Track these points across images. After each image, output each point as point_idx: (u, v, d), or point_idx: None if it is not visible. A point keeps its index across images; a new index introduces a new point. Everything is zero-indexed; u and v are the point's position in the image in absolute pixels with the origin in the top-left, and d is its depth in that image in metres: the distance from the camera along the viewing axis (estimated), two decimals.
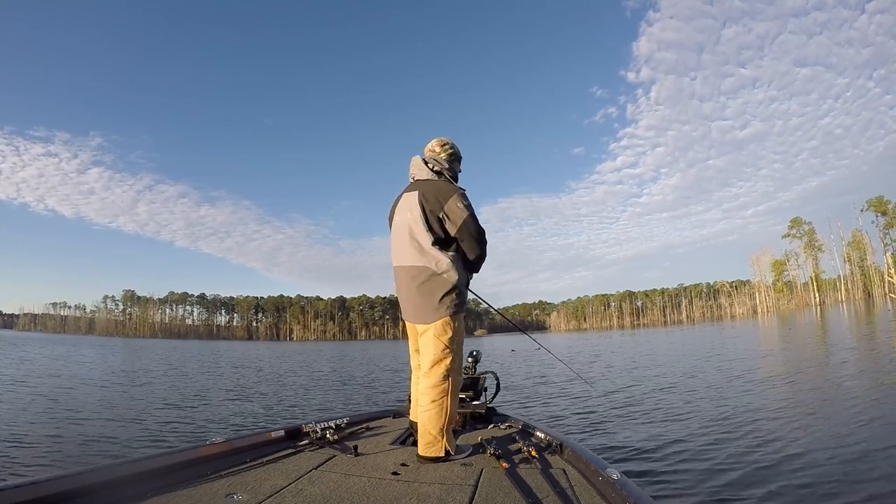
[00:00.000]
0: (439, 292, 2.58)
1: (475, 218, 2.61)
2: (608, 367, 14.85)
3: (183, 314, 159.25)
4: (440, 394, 2.57)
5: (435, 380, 2.60)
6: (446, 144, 2.87)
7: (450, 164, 2.84)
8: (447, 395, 2.58)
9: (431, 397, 2.58)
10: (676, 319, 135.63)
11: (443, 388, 2.58)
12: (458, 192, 2.62)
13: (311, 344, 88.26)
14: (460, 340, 2.65)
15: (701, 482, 3.98)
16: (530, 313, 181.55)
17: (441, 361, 2.60)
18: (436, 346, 2.60)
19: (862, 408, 6.17)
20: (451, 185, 2.69)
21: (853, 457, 4.29)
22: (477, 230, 2.61)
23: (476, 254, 2.66)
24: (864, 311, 41.96)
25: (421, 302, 2.62)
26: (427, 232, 2.59)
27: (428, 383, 2.63)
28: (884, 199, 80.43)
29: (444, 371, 2.61)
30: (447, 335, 2.59)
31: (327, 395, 11.03)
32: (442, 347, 2.60)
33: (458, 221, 2.58)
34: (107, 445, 5.83)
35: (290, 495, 2.07)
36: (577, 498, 2.02)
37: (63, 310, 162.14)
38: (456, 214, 2.58)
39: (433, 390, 2.59)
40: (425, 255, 2.60)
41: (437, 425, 2.54)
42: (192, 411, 8.79)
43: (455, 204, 2.58)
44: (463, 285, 2.64)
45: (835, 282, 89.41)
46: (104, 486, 1.99)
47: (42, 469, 4.74)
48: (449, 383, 2.61)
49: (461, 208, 2.57)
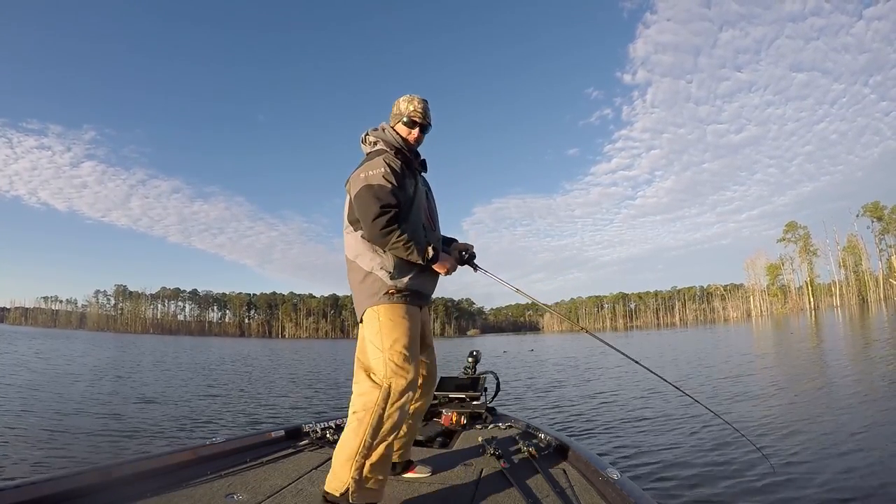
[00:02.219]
0: (356, 280, 2.21)
1: (373, 187, 2.06)
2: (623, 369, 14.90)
3: (175, 310, 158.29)
4: (362, 407, 2.02)
5: (361, 387, 2.09)
6: (394, 105, 2.37)
7: (390, 129, 2.32)
8: (371, 413, 1.99)
9: (353, 408, 2.06)
10: (669, 322, 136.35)
11: (367, 401, 2.02)
12: (370, 161, 2.15)
13: (303, 342, 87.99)
14: (398, 337, 2.09)
15: (701, 482, 4.00)
16: (523, 314, 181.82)
17: (374, 362, 2.11)
18: (368, 343, 2.17)
19: (873, 412, 6.20)
20: (373, 154, 2.22)
21: (858, 459, 4.29)
22: (366, 201, 2.05)
23: (367, 233, 2.09)
24: (861, 315, 42.30)
25: (353, 293, 2.26)
26: (346, 215, 2.26)
27: (355, 390, 2.13)
28: (879, 205, 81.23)
29: (373, 377, 2.09)
30: (372, 328, 2.13)
31: (326, 395, 11.02)
32: (371, 345, 2.14)
33: (353, 192, 2.13)
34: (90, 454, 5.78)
35: (290, 495, 2.07)
36: (577, 498, 2.04)
37: (54, 304, 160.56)
38: (353, 184, 2.14)
39: (357, 400, 2.08)
40: (344, 241, 2.28)
41: (345, 451, 1.96)
42: (180, 412, 8.73)
43: (358, 174, 2.13)
44: (381, 268, 2.14)
45: (829, 286, 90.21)
46: (104, 486, 1.99)
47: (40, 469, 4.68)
48: (378, 397, 2.01)
49: (362, 178, 2.10)
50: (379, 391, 2.02)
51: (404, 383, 2.05)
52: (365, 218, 2.05)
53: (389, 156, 2.16)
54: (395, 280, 2.14)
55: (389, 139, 2.27)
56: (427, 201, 2.37)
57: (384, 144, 2.26)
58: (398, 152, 2.24)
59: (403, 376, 2.05)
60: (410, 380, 2.07)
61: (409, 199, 2.19)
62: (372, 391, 2.03)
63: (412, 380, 2.08)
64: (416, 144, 2.35)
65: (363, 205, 2.06)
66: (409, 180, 2.20)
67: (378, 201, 2.02)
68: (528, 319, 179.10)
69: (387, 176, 2.07)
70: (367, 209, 2.04)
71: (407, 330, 2.12)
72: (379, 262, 2.15)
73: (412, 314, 2.19)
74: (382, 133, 2.29)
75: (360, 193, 2.07)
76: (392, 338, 2.08)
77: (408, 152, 2.29)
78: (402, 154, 2.25)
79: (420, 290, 2.24)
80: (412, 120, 2.30)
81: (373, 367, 2.12)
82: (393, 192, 2.07)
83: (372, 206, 2.02)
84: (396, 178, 2.10)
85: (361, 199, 2.07)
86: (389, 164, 2.11)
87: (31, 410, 7.74)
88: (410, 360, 2.09)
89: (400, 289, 2.15)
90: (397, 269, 2.15)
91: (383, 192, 2.04)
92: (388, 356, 2.07)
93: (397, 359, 2.06)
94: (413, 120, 2.30)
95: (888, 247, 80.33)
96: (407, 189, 2.18)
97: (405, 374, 2.06)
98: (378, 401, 2.00)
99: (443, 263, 2.25)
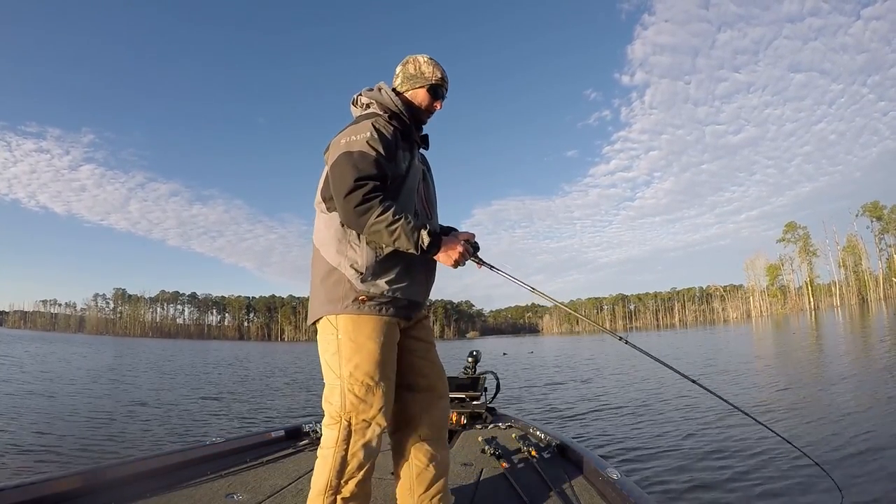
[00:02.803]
0: (317, 274, 1.71)
1: (352, 154, 1.57)
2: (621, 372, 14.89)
3: (174, 313, 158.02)
4: (326, 441, 1.64)
5: (326, 416, 1.67)
6: (404, 63, 1.86)
7: (389, 90, 1.80)
8: (333, 452, 1.60)
9: (321, 444, 1.67)
10: (669, 323, 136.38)
11: (329, 437, 1.63)
12: (355, 125, 1.67)
13: (302, 345, 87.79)
14: (360, 363, 1.60)
15: (701, 482, 4.00)
16: (522, 316, 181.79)
17: (330, 390, 1.65)
18: (322, 362, 1.70)
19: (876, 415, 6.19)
20: (361, 118, 1.73)
21: (862, 461, 4.27)
22: (342, 171, 1.56)
23: (340, 212, 1.60)
24: (863, 315, 42.24)
25: (310, 290, 1.77)
26: (320, 190, 1.75)
27: (324, 419, 1.70)
28: (879, 204, 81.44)
29: (332, 410, 1.63)
30: (328, 345, 1.66)
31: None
32: (325, 367, 1.67)
33: (329, 163, 1.64)
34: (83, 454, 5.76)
35: (290, 495, 2.07)
36: (577, 498, 2.03)
37: (53, 307, 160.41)
38: (331, 151, 1.65)
39: (323, 430, 1.67)
40: (315, 223, 1.79)
41: (315, 485, 1.63)
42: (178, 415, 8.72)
43: (339, 139, 1.64)
44: (351, 265, 1.63)
45: (829, 286, 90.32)
46: (104, 486, 1.98)
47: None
48: (338, 435, 1.60)
49: (342, 144, 1.61)
50: (338, 427, 1.60)
51: (366, 418, 1.61)
52: (338, 192, 1.55)
53: (381, 119, 1.68)
54: (367, 283, 1.62)
55: (386, 101, 1.77)
56: (424, 183, 1.87)
57: (378, 107, 1.77)
58: (394, 117, 1.75)
59: (364, 411, 1.60)
60: (374, 413, 1.61)
61: (400, 176, 1.69)
62: (332, 426, 1.62)
63: (377, 411, 1.62)
64: (428, 116, 1.87)
65: (337, 176, 1.56)
66: (402, 152, 1.71)
67: (355, 171, 1.53)
68: (527, 321, 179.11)
69: (372, 142, 1.58)
70: (340, 181, 1.54)
71: (374, 354, 1.61)
72: (348, 258, 1.63)
73: (387, 332, 1.66)
74: (378, 94, 1.79)
75: (337, 162, 1.58)
76: (353, 363, 1.60)
77: (408, 119, 1.79)
78: (400, 120, 1.76)
79: (403, 297, 1.68)
80: (436, 87, 1.81)
81: (327, 395, 1.65)
82: (377, 161, 1.57)
83: (347, 177, 1.52)
84: (385, 147, 1.61)
85: (337, 167, 1.57)
86: (379, 128, 1.63)
87: (29, 413, 7.72)
88: (376, 389, 1.61)
89: (373, 295, 1.62)
90: (372, 269, 1.62)
91: (365, 160, 1.55)
92: (347, 385, 1.60)
93: (358, 390, 1.59)
94: (438, 88, 1.82)
95: (888, 246, 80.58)
96: (399, 162, 1.68)
97: (367, 407, 1.60)
98: (338, 440, 1.59)
99: (449, 249, 1.65)
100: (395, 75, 1.85)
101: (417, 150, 1.84)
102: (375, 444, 1.66)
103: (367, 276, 1.62)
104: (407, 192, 1.72)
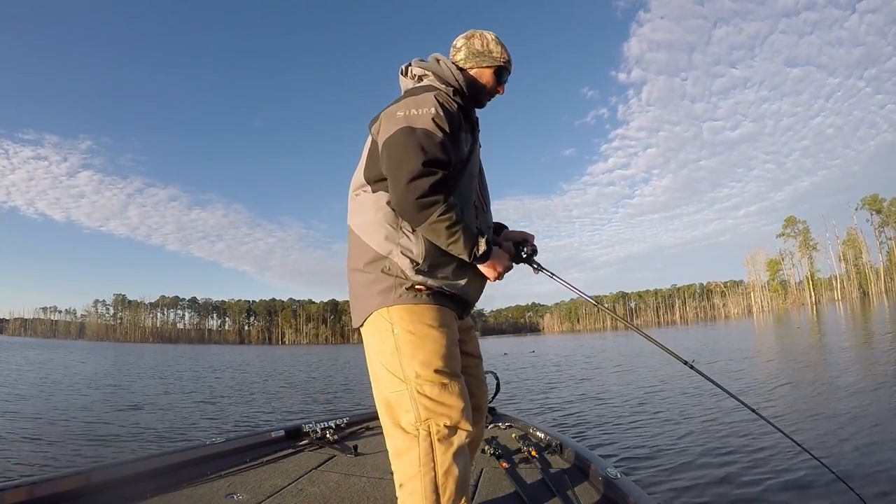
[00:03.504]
0: (359, 263, 1.48)
1: (416, 131, 1.34)
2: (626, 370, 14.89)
3: (174, 318, 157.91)
4: (405, 475, 1.36)
5: (393, 441, 1.41)
6: (469, 37, 1.61)
7: (449, 62, 1.57)
8: (420, 483, 1.32)
9: (398, 479, 1.39)
10: (670, 320, 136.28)
11: (408, 465, 1.35)
12: (415, 96, 1.42)
13: (303, 348, 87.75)
14: (428, 358, 1.38)
15: (701, 482, 3.99)
16: (523, 315, 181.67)
17: (395, 399, 1.40)
18: (378, 367, 1.45)
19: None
20: (418, 90, 1.48)
21: (865, 462, 4.19)
22: (405, 150, 1.33)
23: (396, 197, 1.36)
24: (865, 308, 42.14)
25: (351, 285, 1.55)
26: (363, 169, 1.53)
27: (388, 445, 1.44)
28: (878, 197, 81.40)
29: (402, 424, 1.39)
30: (382, 344, 1.42)
31: (324, 396, 10.99)
32: (383, 371, 1.42)
33: (382, 136, 1.41)
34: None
35: (290, 495, 2.07)
36: (577, 498, 2.04)
37: (53, 314, 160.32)
38: (385, 124, 1.42)
39: (395, 464, 1.40)
40: (350, 206, 1.57)
41: None
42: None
43: (394, 110, 1.42)
44: (404, 252, 1.41)
45: (830, 280, 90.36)
46: (104, 486, 1.98)
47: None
48: (418, 454, 1.34)
49: (400, 117, 1.38)
50: (416, 446, 1.34)
51: (448, 423, 1.35)
52: (398, 175, 1.33)
53: (444, 94, 1.44)
54: (423, 276, 1.42)
55: (446, 74, 1.53)
56: (480, 174, 1.67)
57: (436, 80, 1.53)
58: (456, 93, 1.51)
59: (445, 414, 1.35)
60: (457, 415, 1.36)
61: (462, 162, 1.49)
62: (407, 447, 1.35)
63: (459, 413, 1.37)
64: (489, 100, 1.65)
65: (398, 155, 1.35)
66: (465, 135, 1.50)
67: (422, 154, 1.32)
68: (528, 321, 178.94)
69: (438, 119, 1.36)
70: (404, 162, 1.33)
71: (440, 345, 1.39)
72: (401, 245, 1.41)
73: (450, 322, 1.46)
74: (437, 65, 1.56)
75: (395, 138, 1.36)
76: (417, 359, 1.37)
77: (470, 99, 1.57)
78: (462, 98, 1.53)
79: (461, 295, 1.50)
80: (503, 70, 1.60)
81: (394, 406, 1.40)
82: (444, 143, 1.36)
83: (412, 160, 1.32)
84: (451, 126, 1.39)
85: (397, 146, 1.35)
86: (444, 104, 1.40)
87: (28, 415, 7.72)
88: (451, 386, 1.38)
89: (431, 287, 1.43)
90: (430, 260, 1.41)
91: (430, 141, 1.34)
92: (416, 387, 1.36)
93: (430, 390, 1.36)
94: (504, 71, 1.61)
95: (888, 239, 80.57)
96: (461, 145, 1.47)
97: (447, 409, 1.36)
98: (421, 460, 1.32)
99: (495, 263, 1.49)
100: (456, 49, 1.61)
101: (478, 134, 1.64)
102: (467, 452, 1.39)
103: (424, 268, 1.41)
104: (467, 181, 1.52)
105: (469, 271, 1.50)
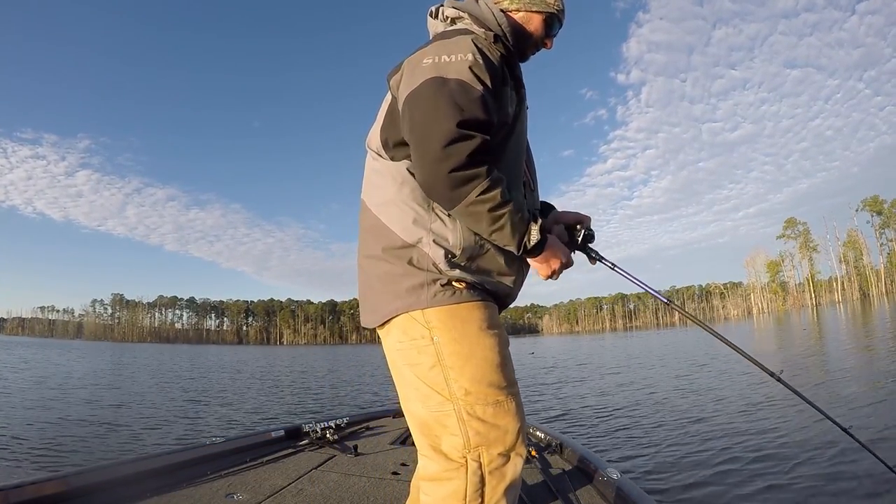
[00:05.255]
0: (375, 251, 1.15)
1: (448, 83, 1.01)
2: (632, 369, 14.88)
3: (172, 318, 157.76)
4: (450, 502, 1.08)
5: (429, 466, 1.12)
6: None
7: (491, 4, 1.21)
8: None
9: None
10: (669, 322, 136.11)
11: (447, 494, 1.07)
12: (446, 41, 1.10)
13: (301, 348, 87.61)
14: (481, 370, 1.08)
15: (702, 482, 3.99)
16: (522, 316, 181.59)
17: (437, 421, 1.09)
18: (414, 381, 1.13)
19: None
20: (450, 33, 1.15)
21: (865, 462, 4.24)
22: (434, 106, 1.00)
23: (423, 168, 1.02)
24: (865, 310, 42.11)
25: (364, 278, 1.21)
26: (380, 129, 1.19)
27: (421, 470, 1.17)
28: (879, 199, 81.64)
29: (444, 450, 1.09)
30: (418, 355, 1.10)
31: (325, 395, 10.98)
32: (423, 387, 1.10)
33: (404, 90, 1.07)
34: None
35: (290, 495, 2.06)
36: (577, 498, 2.04)
37: (51, 314, 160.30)
38: (408, 75, 1.09)
39: (428, 489, 1.12)
40: (366, 177, 1.24)
41: None
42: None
43: (420, 57, 1.08)
44: (435, 239, 1.10)
45: (830, 282, 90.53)
46: (104, 486, 1.98)
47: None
48: (463, 486, 1.06)
49: (427, 65, 1.05)
50: (463, 475, 1.06)
51: (503, 450, 1.08)
52: (425, 140, 1.00)
53: (482, 39, 1.12)
54: (462, 269, 1.11)
55: (487, 16, 1.19)
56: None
57: (473, 22, 1.20)
58: (497, 40, 1.17)
59: (499, 440, 1.07)
60: (512, 439, 1.09)
61: (509, 126, 1.16)
62: (450, 477, 1.07)
63: (515, 436, 1.09)
64: (534, 52, 1.32)
65: (425, 114, 1.01)
66: (510, 90, 1.15)
67: (457, 111, 0.99)
68: (527, 322, 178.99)
69: (476, 69, 1.04)
70: (433, 123, 0.99)
71: (494, 353, 1.10)
72: (433, 231, 1.10)
73: (497, 319, 1.17)
74: (475, 5, 1.21)
75: (421, 92, 1.03)
76: (467, 374, 1.07)
77: (514, 48, 1.22)
78: (504, 46, 1.19)
79: (502, 291, 1.21)
80: (554, 18, 1.26)
81: (433, 427, 1.10)
82: (484, 100, 1.03)
83: (443, 120, 0.98)
84: (493, 80, 1.07)
85: (423, 101, 1.02)
86: (485, 50, 1.08)
87: (27, 416, 7.70)
88: (508, 403, 1.09)
89: (471, 283, 1.13)
90: (470, 250, 1.11)
91: (467, 96, 1.01)
92: (466, 408, 1.07)
93: (483, 412, 1.07)
94: (556, 21, 1.27)
95: (889, 241, 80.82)
96: (505, 104, 1.13)
97: (502, 434, 1.08)
98: (468, 496, 1.05)
99: (551, 256, 1.16)
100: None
101: (524, 93, 1.28)
102: (519, 484, 1.11)
103: (461, 261, 1.11)
104: (514, 150, 1.18)
105: (516, 264, 1.19)
